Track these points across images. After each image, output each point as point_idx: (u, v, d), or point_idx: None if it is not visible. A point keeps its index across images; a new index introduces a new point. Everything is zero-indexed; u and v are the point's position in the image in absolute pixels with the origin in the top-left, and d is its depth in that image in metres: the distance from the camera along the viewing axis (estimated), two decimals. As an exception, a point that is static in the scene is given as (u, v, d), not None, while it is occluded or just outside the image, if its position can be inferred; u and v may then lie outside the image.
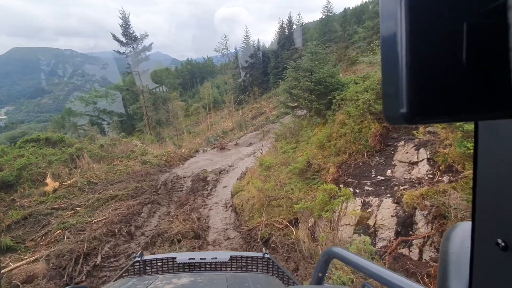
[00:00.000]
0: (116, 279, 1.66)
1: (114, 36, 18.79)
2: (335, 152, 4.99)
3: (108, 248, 4.97)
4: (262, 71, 52.84)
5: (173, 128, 23.88)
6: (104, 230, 5.58)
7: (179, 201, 7.85)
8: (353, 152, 4.80)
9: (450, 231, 0.60)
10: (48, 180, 8.98)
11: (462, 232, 0.56)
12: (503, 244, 0.35)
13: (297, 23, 50.23)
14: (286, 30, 52.40)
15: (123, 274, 1.76)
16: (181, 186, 9.03)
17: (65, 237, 5.72)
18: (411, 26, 0.24)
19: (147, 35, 19.49)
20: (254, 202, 4.93)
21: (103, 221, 6.27)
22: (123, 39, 18.97)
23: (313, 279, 1.33)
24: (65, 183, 8.95)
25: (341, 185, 4.36)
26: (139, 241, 5.82)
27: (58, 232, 6.00)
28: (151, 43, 20.04)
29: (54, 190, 8.62)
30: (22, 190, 8.40)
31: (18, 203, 7.63)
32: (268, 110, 24.33)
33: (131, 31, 18.95)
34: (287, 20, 52.36)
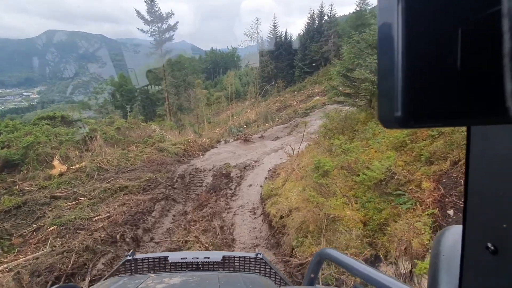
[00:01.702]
0: (106, 278, 1.58)
1: (138, 13, 17.78)
2: (426, 158, 3.42)
3: (103, 264, 3.73)
4: (287, 63, 50.79)
5: (194, 115, 22.90)
6: (103, 234, 4.37)
7: (198, 200, 6.57)
8: (458, 161, 3.22)
9: (441, 234, 0.60)
10: (55, 162, 8.03)
11: (453, 235, 0.57)
12: (493, 248, 0.35)
13: (329, 15, 47.42)
14: (316, 22, 49.83)
15: (114, 273, 1.72)
16: (201, 181, 7.77)
17: (56, 238, 4.59)
18: (407, 32, 0.24)
19: (173, 14, 18.35)
20: (304, 218, 3.50)
21: (105, 220, 5.10)
22: (147, 16, 17.95)
23: (305, 280, 1.35)
24: (73, 167, 7.96)
25: (450, 211, 2.80)
26: (146, 250, 4.59)
27: (51, 229, 4.89)
28: (177, 22, 18.86)
29: (61, 174, 7.65)
30: (26, 172, 7.49)
31: (18, 186, 6.68)
32: (295, 103, 22.64)
33: (156, 9, 17.84)
34: (318, 11, 49.79)
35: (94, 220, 5.13)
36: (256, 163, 10.02)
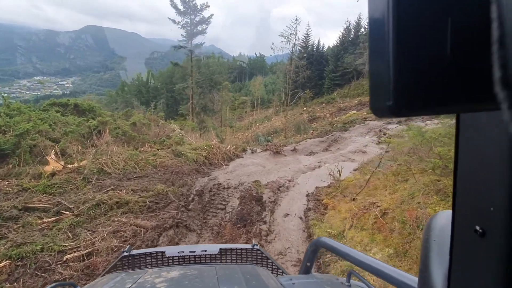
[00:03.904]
0: (103, 275, 1.56)
1: (171, 1, 16.52)
2: None
3: None
4: (317, 73, 48.72)
5: (217, 118, 21.44)
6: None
7: (219, 233, 4.74)
8: None
9: (431, 219, 0.60)
10: (51, 157, 6.56)
11: (443, 220, 0.57)
12: (481, 230, 0.36)
13: (366, 27, 45.09)
14: (352, 33, 47.65)
15: (111, 269, 1.68)
16: (224, 203, 5.95)
17: (2, 284, 2.91)
18: (397, 21, 0.24)
19: (208, 6, 16.94)
20: None
21: (82, 260, 3.38)
22: (181, 6, 16.70)
23: (301, 268, 1.44)
24: (70, 166, 6.43)
25: None
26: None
27: (2, 264, 3.22)
28: (212, 15, 17.40)
29: (53, 174, 6.14)
30: (11, 166, 6.03)
31: (-7, 185, 5.19)
32: (328, 115, 20.50)
33: (191, -1, 16.51)
34: (355, 23, 47.68)
35: (65, 258, 3.40)
36: (291, 182, 8.08)
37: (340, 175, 7.84)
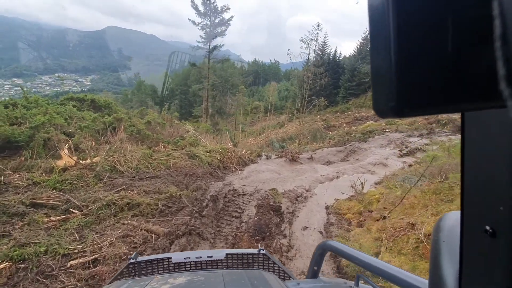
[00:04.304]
0: (110, 282, 1.54)
1: (192, 2, 16.48)
2: None
3: None
4: (332, 82, 48.09)
5: (230, 121, 21.20)
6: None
7: (235, 244, 4.35)
8: None
9: (440, 221, 0.60)
10: (64, 152, 6.38)
11: (452, 221, 0.57)
12: (491, 230, 0.35)
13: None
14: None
15: (118, 277, 1.67)
16: (239, 210, 5.56)
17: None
18: (398, 20, 0.24)
19: (229, 8, 16.75)
20: None
21: (87, 266, 3.05)
22: (201, 8, 16.64)
23: (308, 272, 1.41)
24: (83, 162, 6.22)
25: None
26: None
27: (2, 266, 2.94)
28: (232, 17, 17.32)
29: (65, 169, 5.93)
30: (24, 159, 5.86)
31: (2, 178, 5.00)
32: (345, 124, 19.91)
33: (212, 0, 16.39)
34: (374, 32, 47.04)
35: (69, 264, 3.09)
36: (308, 192, 7.63)
37: (362, 187, 7.34)
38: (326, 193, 7.77)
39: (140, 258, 1.76)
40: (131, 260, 1.75)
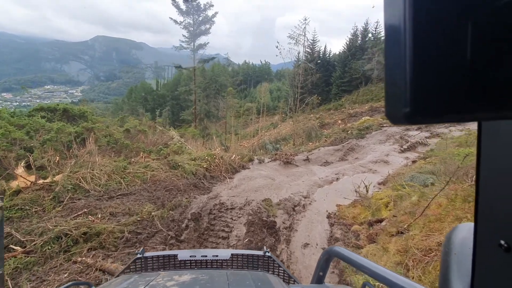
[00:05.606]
0: (118, 276, 1.59)
1: (173, 0, 15.55)
2: None
3: None
4: (324, 80, 47.53)
5: (221, 125, 20.33)
6: None
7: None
8: None
9: (452, 232, 0.58)
10: (19, 170, 5.44)
11: (464, 233, 0.55)
12: (506, 245, 0.35)
13: (374, 32, 44.09)
14: (359, 39, 46.56)
15: (125, 271, 1.70)
16: (226, 229, 4.69)
17: None
18: (415, 25, 0.24)
19: (212, 5, 15.95)
20: None
21: None
22: (183, 6, 15.74)
23: (313, 278, 1.39)
24: (40, 182, 5.29)
25: None
26: None
27: None
28: (216, 13, 16.43)
29: (18, 191, 5.01)
30: (-34, 182, 4.92)
31: None
32: (339, 122, 19.17)
33: (194, -2, 15.52)
34: (363, 28, 46.68)
35: None
36: (306, 199, 6.80)
37: (367, 191, 6.54)
38: (327, 199, 6.97)
39: (147, 254, 1.76)
40: (138, 255, 1.73)
